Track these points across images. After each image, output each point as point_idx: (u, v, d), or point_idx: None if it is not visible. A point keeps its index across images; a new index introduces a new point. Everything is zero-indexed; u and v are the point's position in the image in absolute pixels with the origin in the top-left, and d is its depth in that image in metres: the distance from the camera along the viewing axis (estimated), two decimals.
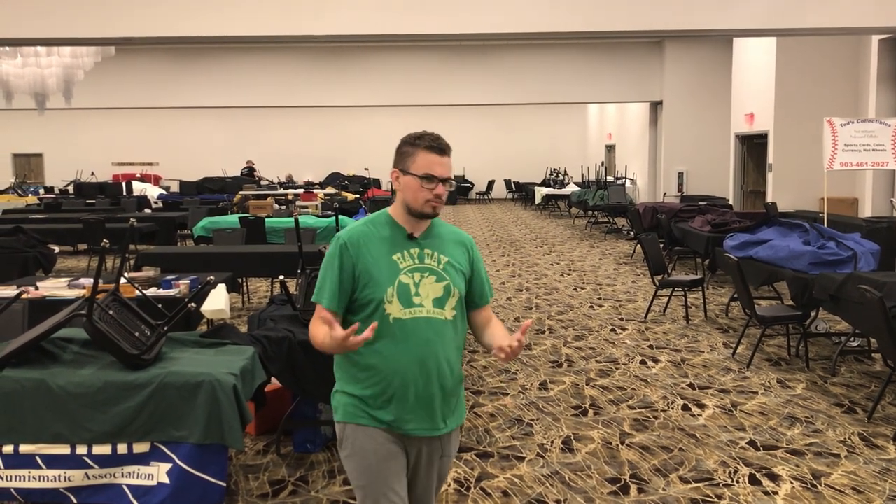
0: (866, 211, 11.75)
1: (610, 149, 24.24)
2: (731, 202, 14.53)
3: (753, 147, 14.54)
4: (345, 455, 2.50)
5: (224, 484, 3.50)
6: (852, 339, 6.68)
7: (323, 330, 2.35)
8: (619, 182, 19.62)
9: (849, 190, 12.30)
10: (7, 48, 11.98)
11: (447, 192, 2.47)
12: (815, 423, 5.08)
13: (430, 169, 2.39)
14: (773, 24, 8.53)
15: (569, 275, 11.29)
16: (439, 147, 2.42)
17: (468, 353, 6.68)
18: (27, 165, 27.84)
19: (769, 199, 13.07)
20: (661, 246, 10.50)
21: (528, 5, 8.48)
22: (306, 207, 14.71)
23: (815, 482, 4.16)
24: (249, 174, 24.72)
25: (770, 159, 13.28)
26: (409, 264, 2.43)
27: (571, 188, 21.81)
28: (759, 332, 6.75)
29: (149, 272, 6.35)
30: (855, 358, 6.56)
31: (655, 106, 18.78)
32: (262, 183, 23.10)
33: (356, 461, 2.47)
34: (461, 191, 27.24)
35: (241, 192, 18.55)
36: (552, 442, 4.79)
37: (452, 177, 2.49)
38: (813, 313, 6.94)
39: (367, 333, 2.22)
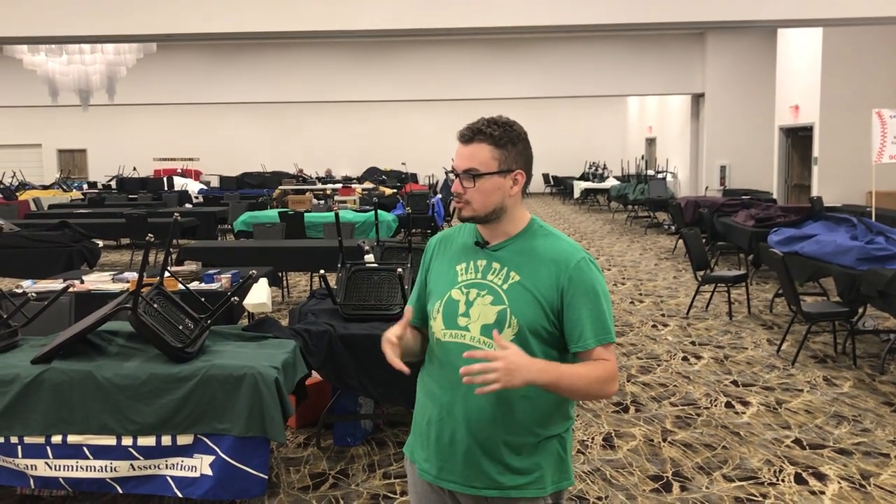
0: None
1: (650, 142, 23.97)
2: (775, 196, 14.28)
3: (798, 140, 14.26)
4: None
5: (266, 476, 3.53)
6: None
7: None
8: (659, 176, 19.39)
9: None
10: (53, 46, 12.21)
11: (474, 191, 1.95)
12: (863, 421, 4.96)
13: (453, 161, 2.02)
14: (819, 14, 8.33)
15: (609, 270, 11.19)
16: (461, 134, 1.98)
17: None
18: (71, 161, 28.39)
19: (814, 193, 12.81)
20: (704, 241, 10.36)
21: None
22: (344, 202, 14.78)
23: (863, 482, 4.07)
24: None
25: (815, 152, 13.01)
26: (469, 277, 2.00)
27: (611, 182, 21.61)
28: (804, 329, 6.62)
29: (191, 266, 6.43)
30: None
31: (697, 98, 18.51)
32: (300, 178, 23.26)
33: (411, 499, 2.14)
34: None
35: (280, 187, 18.71)
36: (593, 438, 4.74)
37: (483, 169, 1.94)
38: (860, 310, 6.79)
39: (406, 317, 1.96)
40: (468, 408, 1.94)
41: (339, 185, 19.08)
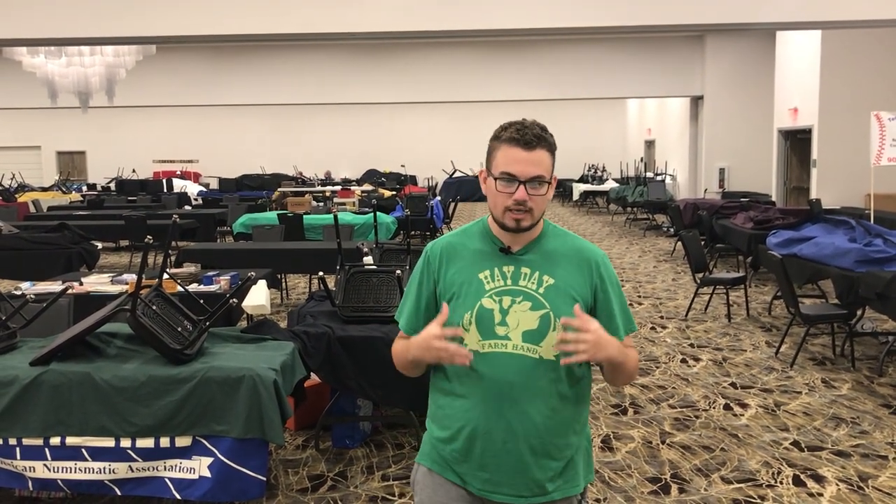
0: None
1: (650, 144, 23.98)
2: (773, 199, 14.29)
3: (797, 142, 14.27)
4: (415, 501, 2.11)
5: (264, 478, 3.53)
6: None
7: (401, 344, 2.04)
8: (658, 178, 19.39)
9: None
10: (52, 48, 12.22)
11: (540, 199, 1.92)
12: (861, 424, 4.97)
13: (508, 167, 1.89)
14: (818, 17, 8.35)
15: None
16: (523, 139, 1.89)
17: None
18: (71, 163, 28.39)
19: (813, 195, 12.82)
20: (703, 243, 10.36)
21: (567, 0, 8.40)
22: (344, 204, 14.79)
23: (861, 484, 4.07)
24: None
25: (814, 155, 13.02)
26: (498, 285, 1.96)
27: (610, 184, 21.62)
28: (803, 331, 6.63)
29: (190, 268, 6.43)
30: None
31: (696, 101, 18.53)
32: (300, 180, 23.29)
33: None
34: None
35: (279, 189, 18.72)
36: (591, 440, 4.74)
37: (550, 177, 1.93)
38: (859, 312, 6.79)
39: (453, 331, 1.88)
40: (520, 416, 1.92)
41: (338, 188, 19.10)
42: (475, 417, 1.94)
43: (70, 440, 3.51)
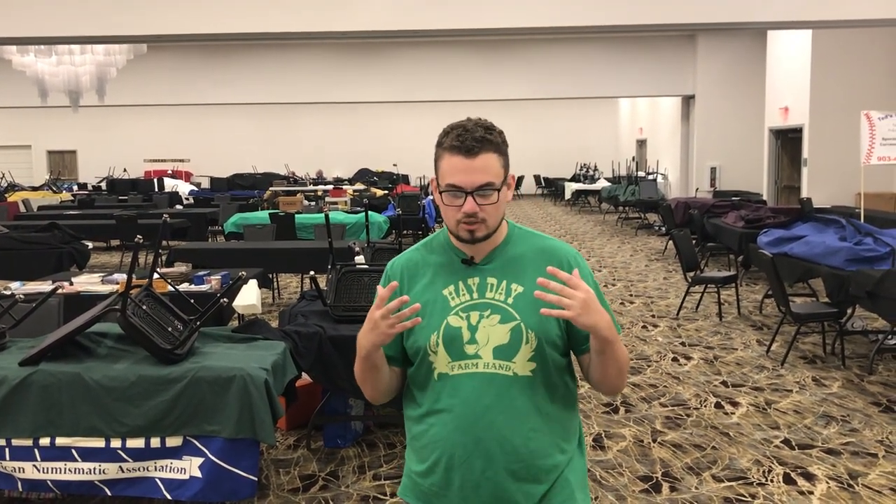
0: None
1: (641, 143, 24.03)
2: (764, 198, 14.33)
3: (788, 141, 14.32)
4: None
5: (255, 478, 3.52)
6: (890, 336, 6.56)
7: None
8: (650, 177, 19.43)
9: (886, 185, 12.06)
10: (42, 47, 12.16)
11: (492, 207, 1.77)
12: (851, 422, 4.99)
13: (452, 177, 1.75)
14: (809, 16, 8.37)
15: (599, 271, 11.21)
16: (464, 146, 1.74)
17: None
18: (61, 162, 28.28)
19: (804, 194, 12.86)
20: (694, 242, 10.38)
21: None
22: (336, 203, 14.77)
23: (851, 482, 4.09)
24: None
25: (805, 154, 13.06)
26: (464, 300, 1.82)
27: (602, 183, 21.66)
28: (793, 330, 6.65)
29: (181, 268, 6.41)
30: (893, 356, 6.44)
31: (688, 100, 18.57)
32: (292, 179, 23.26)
33: None
34: None
35: (271, 189, 18.68)
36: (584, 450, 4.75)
37: (503, 181, 1.78)
38: (849, 310, 6.82)
39: (406, 311, 1.70)
40: (497, 440, 1.77)
41: (330, 187, 19.07)
42: (450, 446, 1.79)
43: (60, 441, 3.50)
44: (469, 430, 1.78)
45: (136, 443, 3.49)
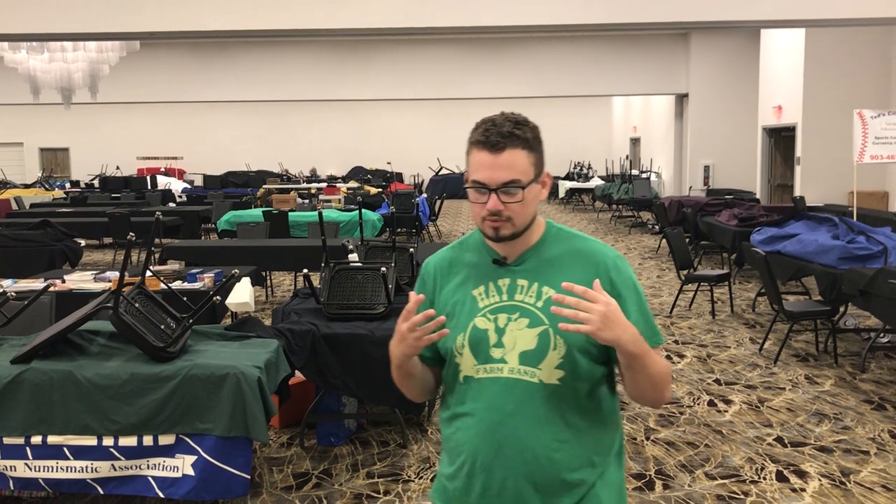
0: None
1: (635, 142, 24.07)
2: (758, 196, 14.37)
3: (781, 140, 14.36)
4: None
5: (248, 476, 3.51)
6: (882, 334, 6.58)
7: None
8: (644, 176, 19.46)
9: (879, 183, 12.11)
10: (34, 43, 12.11)
11: (517, 206, 1.69)
12: (843, 419, 5.00)
13: (477, 173, 1.70)
14: (802, 15, 8.39)
15: None
16: (489, 141, 1.68)
17: None
18: (53, 160, 28.18)
19: (797, 192, 12.90)
20: (687, 240, 10.40)
21: None
22: (329, 201, 14.75)
23: (843, 479, 4.10)
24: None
25: (798, 152, 13.10)
26: (493, 302, 1.76)
27: (595, 182, 21.68)
28: (786, 328, 6.67)
29: (174, 266, 6.39)
30: (885, 354, 6.46)
31: (681, 98, 18.60)
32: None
33: None
34: None
35: (264, 186, 18.64)
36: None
37: (532, 178, 1.71)
38: (842, 308, 6.84)
39: (430, 325, 1.65)
40: (518, 449, 1.69)
41: (323, 185, 19.04)
42: (472, 452, 1.73)
43: (52, 439, 3.48)
44: (490, 437, 1.71)
45: (129, 441, 3.48)
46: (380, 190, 17.73)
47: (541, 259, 1.76)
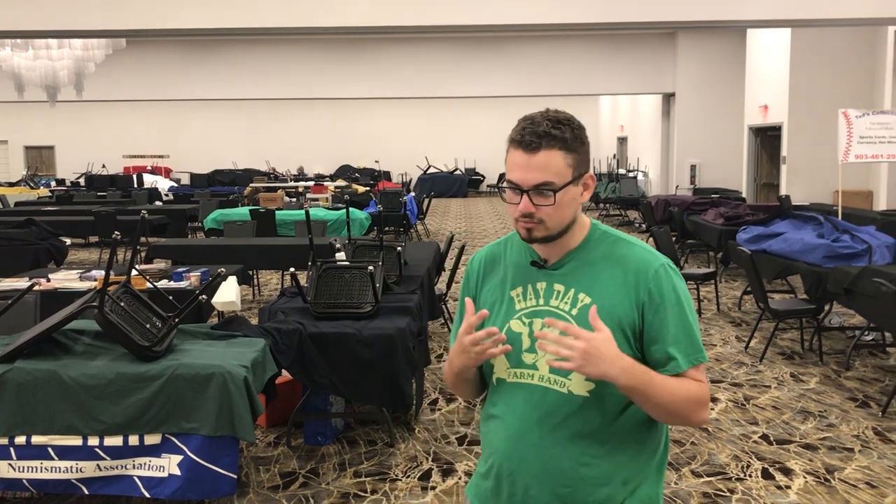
0: (881, 204, 11.65)
1: (622, 141, 24.13)
2: (744, 195, 14.44)
3: (767, 139, 14.44)
4: None
5: (235, 476, 3.50)
6: (867, 332, 6.63)
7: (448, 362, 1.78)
8: (631, 174, 19.53)
9: (863, 183, 12.19)
10: (19, 41, 12.02)
11: (551, 209, 1.64)
12: (828, 417, 5.04)
13: (511, 174, 1.66)
14: (788, 15, 8.44)
15: None
16: (523, 140, 1.63)
17: None
18: (39, 158, 27.97)
19: (783, 191, 12.97)
20: (674, 239, 10.44)
21: None
22: (317, 200, 14.72)
23: (828, 476, 4.13)
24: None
25: (784, 152, 13.17)
26: (529, 305, 1.72)
27: None
28: (772, 326, 6.70)
29: (160, 264, 6.36)
30: (869, 352, 6.51)
31: (668, 98, 18.67)
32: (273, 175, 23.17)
33: None
34: (472, 183, 27.18)
35: (251, 185, 18.58)
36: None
37: (568, 180, 1.65)
38: (827, 307, 6.89)
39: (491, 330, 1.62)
40: (543, 460, 1.65)
41: (311, 183, 18.99)
42: (500, 456, 1.71)
43: (36, 439, 3.46)
44: (517, 444, 1.68)
45: (114, 441, 3.46)
46: (367, 188, 17.71)
47: (580, 263, 1.69)
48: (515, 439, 1.68)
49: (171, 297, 4.20)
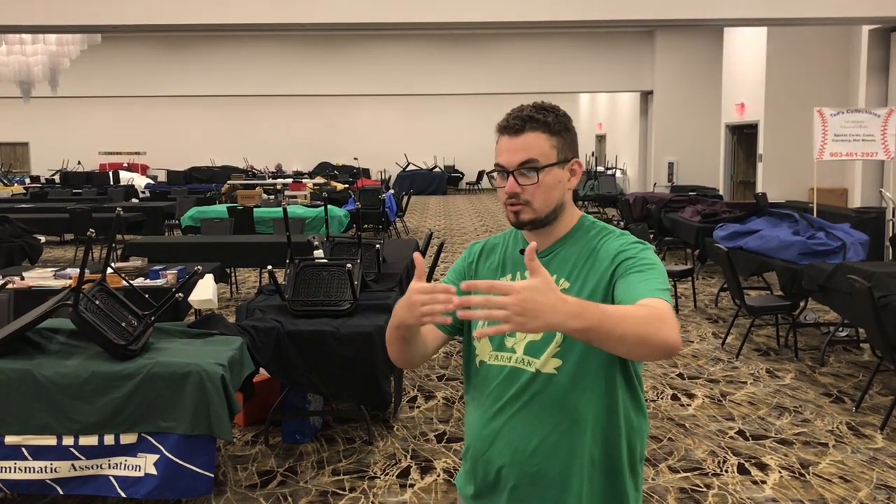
0: (855, 201, 11.78)
1: (601, 139, 24.24)
2: (721, 192, 14.54)
3: (744, 137, 14.55)
4: None
5: (212, 475, 3.48)
6: (841, 329, 6.70)
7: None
8: (609, 172, 19.62)
9: (838, 180, 12.32)
10: None
11: (534, 188, 1.68)
12: (803, 412, 5.09)
13: (498, 157, 1.72)
14: (765, 14, 8.52)
15: None
16: (508, 125, 1.71)
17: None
18: (12, 154, 27.62)
19: (759, 189, 13.08)
20: (652, 236, 10.51)
21: None
22: (295, 197, 14.63)
23: (803, 471, 4.17)
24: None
25: (760, 149, 13.29)
26: None
27: None
28: (748, 323, 6.76)
29: (136, 262, 6.30)
30: (843, 348, 6.58)
31: (646, 96, 18.77)
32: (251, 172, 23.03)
33: None
34: (451, 181, 27.18)
35: (229, 182, 18.45)
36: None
37: (553, 160, 1.70)
38: (802, 303, 6.96)
39: (454, 302, 1.45)
40: (511, 438, 1.69)
41: (289, 180, 18.90)
42: (473, 438, 1.77)
43: (9, 439, 3.42)
44: (488, 425, 1.73)
45: (90, 440, 3.43)
46: (346, 186, 17.66)
47: (567, 253, 1.73)
48: (487, 420, 1.73)
49: (147, 296, 4.16)
